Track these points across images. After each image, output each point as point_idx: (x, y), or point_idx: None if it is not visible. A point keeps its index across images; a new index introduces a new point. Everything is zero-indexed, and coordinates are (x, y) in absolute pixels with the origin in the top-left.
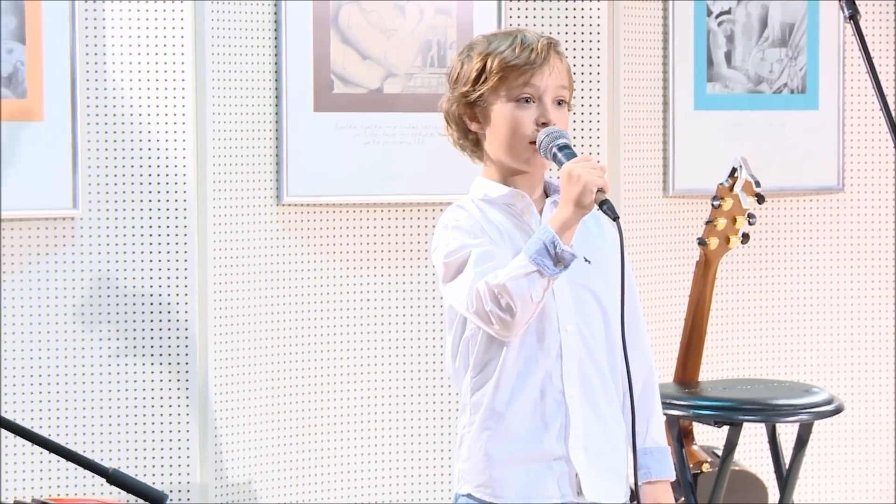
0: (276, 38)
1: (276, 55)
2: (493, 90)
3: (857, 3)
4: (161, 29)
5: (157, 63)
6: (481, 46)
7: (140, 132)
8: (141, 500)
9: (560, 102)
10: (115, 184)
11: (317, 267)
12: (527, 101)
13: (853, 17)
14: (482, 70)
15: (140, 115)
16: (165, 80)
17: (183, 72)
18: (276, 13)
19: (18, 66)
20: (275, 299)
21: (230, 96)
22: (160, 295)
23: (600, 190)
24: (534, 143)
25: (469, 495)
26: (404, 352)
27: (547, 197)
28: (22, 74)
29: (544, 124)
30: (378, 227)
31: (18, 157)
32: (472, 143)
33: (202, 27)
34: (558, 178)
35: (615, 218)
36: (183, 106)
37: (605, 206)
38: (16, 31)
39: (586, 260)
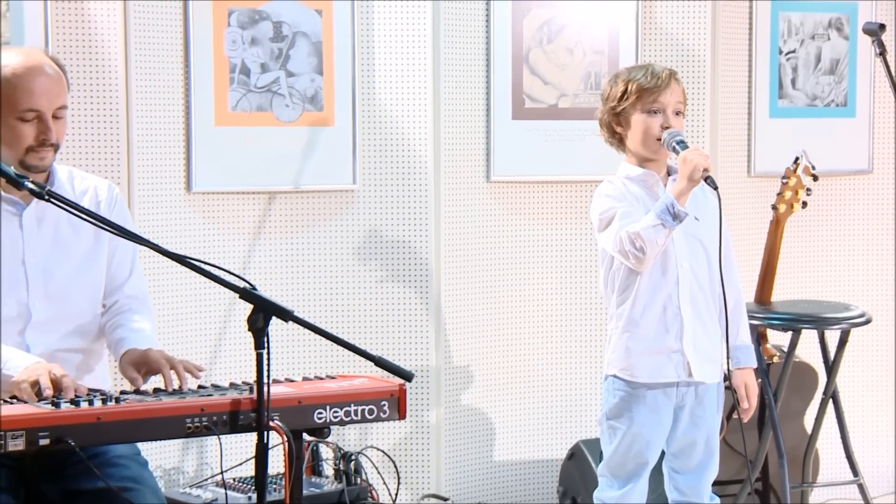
0: (486, 71)
1: (486, 82)
2: (631, 105)
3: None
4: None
5: (406, 82)
6: (623, 75)
7: (396, 130)
8: (395, 377)
9: (677, 113)
10: (381, 166)
11: (512, 222)
12: (655, 112)
13: (882, 54)
14: (624, 91)
15: (396, 117)
16: (413, 94)
17: (424, 91)
18: (487, 55)
19: (318, 89)
20: (483, 243)
21: (455, 106)
22: (409, 241)
23: (705, 169)
24: (660, 139)
25: (615, 376)
26: (574, 279)
27: (669, 176)
28: (320, 95)
29: (666, 128)
30: (554, 196)
31: (318, 150)
32: (618, 141)
33: (438, 53)
34: (677, 163)
35: (716, 188)
36: (424, 113)
37: (709, 180)
38: (317, 67)
39: (696, 218)
